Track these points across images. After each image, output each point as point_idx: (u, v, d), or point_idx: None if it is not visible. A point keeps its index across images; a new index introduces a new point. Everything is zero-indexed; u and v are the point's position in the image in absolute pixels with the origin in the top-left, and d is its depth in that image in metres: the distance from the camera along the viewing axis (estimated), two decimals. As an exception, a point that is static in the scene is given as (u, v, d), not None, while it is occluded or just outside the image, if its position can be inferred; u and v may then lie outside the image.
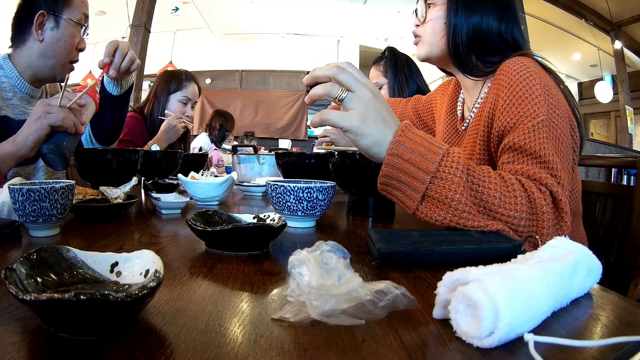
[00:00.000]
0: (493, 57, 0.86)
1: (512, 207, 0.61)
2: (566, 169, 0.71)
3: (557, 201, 0.64)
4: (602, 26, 6.14)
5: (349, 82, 0.62)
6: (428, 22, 0.91)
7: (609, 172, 1.47)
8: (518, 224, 0.61)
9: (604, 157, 1.26)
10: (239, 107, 7.00)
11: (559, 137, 0.72)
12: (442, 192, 0.59)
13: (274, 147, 2.54)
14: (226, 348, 0.30)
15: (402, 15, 5.96)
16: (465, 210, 0.59)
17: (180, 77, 1.91)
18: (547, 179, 0.66)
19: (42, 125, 0.81)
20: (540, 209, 0.62)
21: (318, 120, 0.64)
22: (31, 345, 0.30)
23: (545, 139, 0.70)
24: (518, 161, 0.71)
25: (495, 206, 0.60)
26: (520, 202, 0.61)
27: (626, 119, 6.59)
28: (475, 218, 0.59)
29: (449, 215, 0.59)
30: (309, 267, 0.37)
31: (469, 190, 0.60)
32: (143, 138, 1.81)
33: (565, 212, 0.64)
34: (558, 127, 0.72)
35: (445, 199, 0.59)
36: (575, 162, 0.81)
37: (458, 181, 0.59)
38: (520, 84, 0.75)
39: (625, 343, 0.30)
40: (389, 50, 1.80)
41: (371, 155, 0.64)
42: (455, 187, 0.59)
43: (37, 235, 0.64)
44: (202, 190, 1.05)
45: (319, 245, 0.42)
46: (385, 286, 0.37)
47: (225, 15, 6.40)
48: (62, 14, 1.12)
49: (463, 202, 0.59)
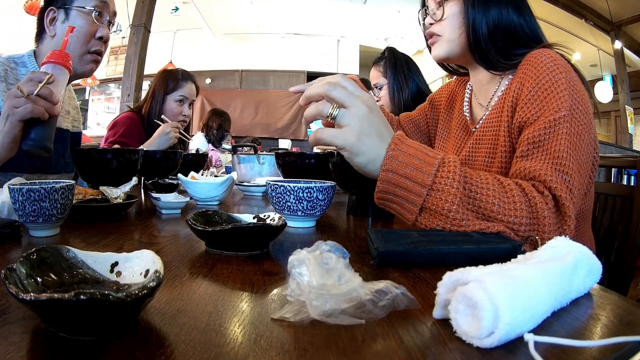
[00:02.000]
0: (517, 50, 0.84)
1: (511, 213, 0.60)
2: (582, 169, 0.70)
3: (560, 205, 0.63)
4: (602, 26, 6.14)
5: (342, 98, 0.60)
6: (445, 19, 0.88)
7: (609, 172, 1.47)
8: (518, 229, 0.60)
9: (604, 157, 1.25)
10: (239, 107, 7.00)
11: (579, 134, 0.70)
12: (439, 204, 0.59)
13: (274, 147, 2.54)
14: (226, 348, 0.30)
15: (402, 15, 5.96)
16: (464, 219, 0.59)
17: (177, 77, 1.90)
18: (554, 182, 0.65)
19: (12, 124, 0.76)
20: (542, 213, 0.61)
21: (313, 140, 0.63)
22: (31, 345, 0.30)
23: (565, 134, 0.69)
24: (532, 156, 0.70)
25: (495, 213, 0.60)
26: (519, 207, 0.61)
27: (626, 119, 6.59)
28: (475, 225, 0.59)
29: (448, 225, 0.59)
30: (309, 267, 0.37)
31: (466, 199, 0.60)
32: (140, 138, 1.80)
33: (569, 217, 0.63)
34: (580, 123, 0.71)
35: (442, 210, 0.59)
36: (596, 161, 0.79)
37: (455, 192, 0.58)
38: (547, 76, 0.74)
39: (625, 343, 0.30)
40: (389, 51, 1.80)
41: (366, 172, 0.63)
42: (452, 198, 0.58)
43: (37, 235, 0.64)
44: (202, 190, 1.05)
45: (318, 245, 0.42)
46: (385, 286, 0.37)
47: (225, 15, 6.40)
48: (72, 5, 1.10)
49: (461, 212, 0.59)
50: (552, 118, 0.70)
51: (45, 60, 0.83)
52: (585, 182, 0.73)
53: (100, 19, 1.14)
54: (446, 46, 0.90)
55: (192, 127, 2.18)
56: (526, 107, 0.75)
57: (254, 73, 7.26)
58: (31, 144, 0.79)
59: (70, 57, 0.86)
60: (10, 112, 0.76)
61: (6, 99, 0.77)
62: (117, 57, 6.88)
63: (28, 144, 0.79)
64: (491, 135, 0.87)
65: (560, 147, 0.68)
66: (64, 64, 0.83)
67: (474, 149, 0.93)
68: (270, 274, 0.49)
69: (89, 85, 6.98)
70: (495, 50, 0.85)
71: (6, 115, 0.77)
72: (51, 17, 1.10)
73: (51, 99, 0.78)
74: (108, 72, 7.09)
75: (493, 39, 0.85)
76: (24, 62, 1.12)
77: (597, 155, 0.79)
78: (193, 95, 1.96)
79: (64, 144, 1.26)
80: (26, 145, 0.79)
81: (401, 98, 1.72)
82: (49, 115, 0.78)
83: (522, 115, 0.76)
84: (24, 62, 1.12)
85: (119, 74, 5.89)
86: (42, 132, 0.79)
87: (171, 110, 1.87)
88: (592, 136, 0.74)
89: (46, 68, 0.82)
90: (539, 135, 0.70)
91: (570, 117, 0.70)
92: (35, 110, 0.76)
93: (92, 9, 1.11)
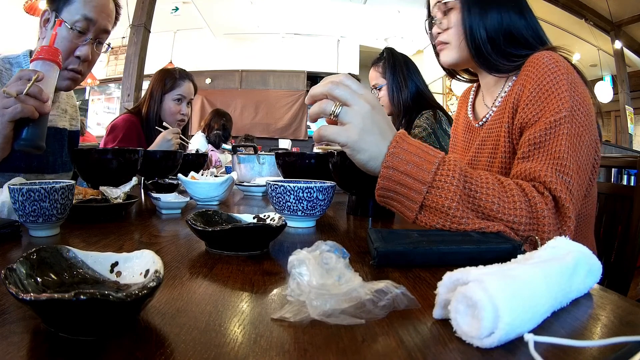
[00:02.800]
0: (519, 51, 0.85)
1: (511, 212, 0.60)
2: (582, 170, 0.70)
3: (560, 206, 0.64)
4: (602, 26, 6.13)
5: (344, 96, 0.61)
6: (452, 27, 0.89)
7: (609, 172, 1.47)
8: (518, 229, 0.61)
9: (604, 157, 1.25)
10: (239, 107, 7.00)
11: (579, 135, 0.71)
12: (439, 201, 0.59)
13: (274, 147, 2.53)
14: (226, 348, 0.30)
15: (402, 15, 5.96)
16: (464, 217, 0.59)
17: (175, 76, 1.90)
18: (554, 183, 0.65)
19: (2, 124, 0.76)
20: (542, 213, 0.61)
21: (317, 136, 0.64)
22: (31, 345, 0.30)
23: (565, 135, 0.69)
24: (532, 157, 0.71)
25: (494, 212, 0.60)
26: (519, 206, 0.61)
27: (626, 119, 6.59)
28: (475, 223, 0.59)
29: (448, 222, 0.60)
30: (309, 267, 0.37)
31: (466, 197, 0.60)
32: (139, 140, 1.80)
33: (569, 217, 0.63)
34: (581, 124, 0.71)
35: (442, 207, 0.59)
36: (597, 162, 0.79)
37: (455, 190, 0.59)
38: (548, 77, 0.74)
39: (625, 343, 0.30)
40: (387, 51, 1.80)
41: (368, 169, 0.63)
42: (452, 196, 0.59)
43: (37, 235, 0.64)
44: (202, 190, 1.05)
45: (318, 245, 0.42)
46: (385, 285, 0.37)
47: (225, 15, 6.40)
48: (60, 13, 1.04)
49: (461, 210, 0.59)
50: (552, 119, 0.70)
51: (34, 57, 0.81)
52: (585, 182, 0.73)
53: (80, 37, 1.05)
54: (453, 53, 0.91)
55: (190, 126, 2.18)
56: (527, 109, 0.75)
57: (254, 73, 7.26)
58: (23, 143, 0.78)
59: (60, 52, 0.83)
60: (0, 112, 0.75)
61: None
62: (117, 57, 6.89)
63: (20, 144, 0.79)
64: (494, 136, 0.88)
65: (560, 148, 0.68)
66: (53, 60, 0.82)
67: (479, 149, 0.93)
68: (270, 274, 0.49)
69: (89, 85, 6.98)
70: (497, 53, 0.86)
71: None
72: (45, 17, 1.08)
73: (41, 96, 0.77)
74: (108, 72, 7.09)
75: (494, 43, 0.85)
76: (20, 63, 1.10)
77: (598, 158, 0.80)
78: (191, 94, 1.96)
79: (62, 143, 1.25)
80: (18, 145, 0.79)
81: (400, 99, 1.72)
82: (39, 114, 0.77)
83: (523, 116, 0.76)
84: (19, 62, 1.11)
85: (119, 74, 5.90)
86: (33, 131, 0.79)
87: (169, 110, 1.87)
88: (594, 137, 0.75)
89: (35, 65, 0.81)
90: (539, 136, 0.71)
91: (570, 118, 0.70)
92: (25, 109, 0.75)
93: (71, 27, 1.02)
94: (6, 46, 4.69)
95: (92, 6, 1.04)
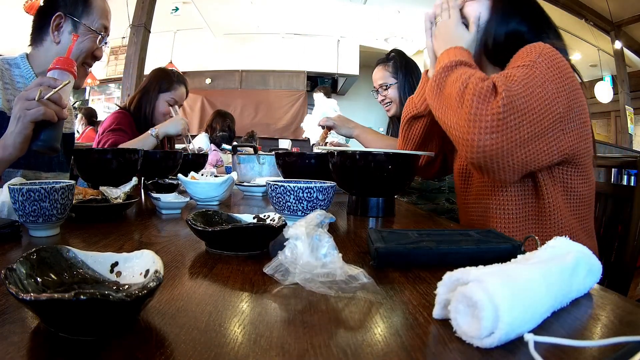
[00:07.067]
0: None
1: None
2: (534, 99, 0.71)
3: (495, 86, 0.70)
4: (602, 26, 6.13)
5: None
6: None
7: (609, 172, 1.47)
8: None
9: (604, 157, 1.26)
10: (239, 107, 6.99)
11: (538, 78, 0.73)
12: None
13: (274, 147, 2.53)
14: (226, 348, 0.30)
15: (402, 15, 5.96)
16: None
17: (172, 78, 1.91)
18: (495, 77, 0.72)
19: (24, 125, 0.81)
20: (472, 79, 0.71)
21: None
22: (31, 345, 0.30)
23: (522, 74, 0.73)
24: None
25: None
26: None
27: (626, 119, 6.58)
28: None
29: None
30: (303, 242, 0.45)
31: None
32: (132, 131, 1.79)
33: (499, 94, 0.68)
34: (542, 73, 0.74)
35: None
36: (563, 117, 0.76)
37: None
38: (524, 49, 0.80)
39: (625, 343, 0.30)
40: (397, 52, 1.81)
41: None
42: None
43: (37, 235, 0.64)
44: (202, 190, 1.05)
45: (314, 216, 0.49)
46: (357, 273, 0.44)
47: (225, 15, 6.39)
48: (80, 19, 1.13)
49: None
50: (518, 65, 0.76)
51: (51, 67, 0.87)
52: (543, 128, 0.72)
53: (101, 41, 1.20)
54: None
55: (190, 127, 2.18)
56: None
57: (254, 73, 7.25)
58: (41, 144, 0.84)
59: (75, 64, 0.90)
60: (22, 113, 0.81)
61: (17, 102, 0.82)
62: (117, 57, 6.88)
63: (38, 144, 0.84)
64: None
65: (515, 73, 0.73)
66: (69, 70, 0.88)
67: None
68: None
69: (89, 85, 6.98)
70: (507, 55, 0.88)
71: (17, 116, 0.81)
72: (57, 22, 1.11)
73: (60, 103, 0.84)
74: (108, 72, 7.08)
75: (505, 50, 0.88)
76: (17, 64, 1.14)
77: (564, 113, 0.76)
78: (183, 99, 1.98)
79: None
80: (36, 145, 0.84)
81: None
82: (57, 118, 0.84)
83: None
84: (17, 63, 1.14)
85: (119, 74, 5.89)
86: (51, 134, 0.85)
87: (161, 109, 1.87)
88: (565, 90, 0.75)
89: (53, 74, 0.86)
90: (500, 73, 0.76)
91: (532, 65, 0.74)
92: (47, 112, 0.81)
93: (99, 33, 1.17)
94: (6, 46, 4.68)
95: (105, 16, 1.20)
